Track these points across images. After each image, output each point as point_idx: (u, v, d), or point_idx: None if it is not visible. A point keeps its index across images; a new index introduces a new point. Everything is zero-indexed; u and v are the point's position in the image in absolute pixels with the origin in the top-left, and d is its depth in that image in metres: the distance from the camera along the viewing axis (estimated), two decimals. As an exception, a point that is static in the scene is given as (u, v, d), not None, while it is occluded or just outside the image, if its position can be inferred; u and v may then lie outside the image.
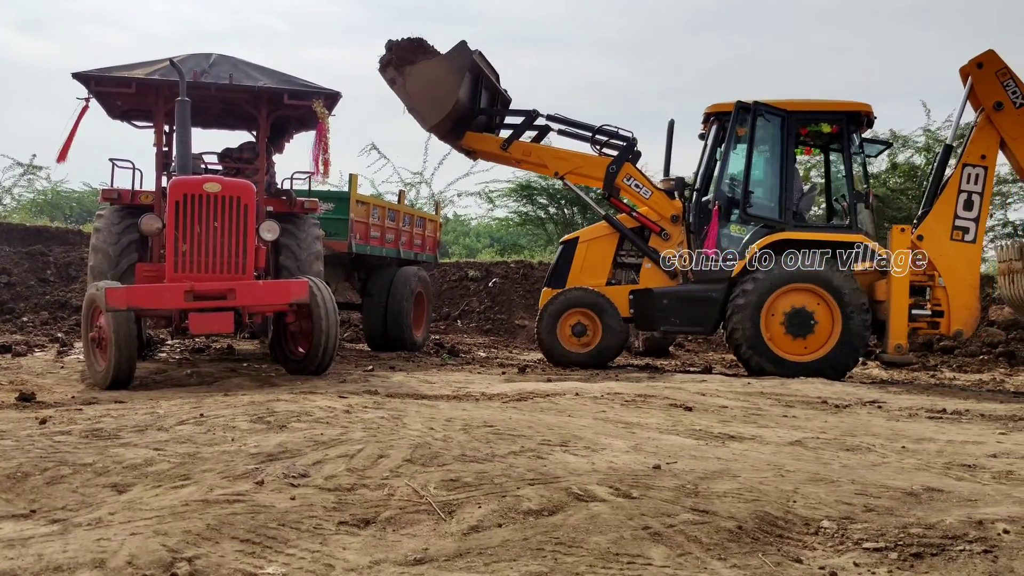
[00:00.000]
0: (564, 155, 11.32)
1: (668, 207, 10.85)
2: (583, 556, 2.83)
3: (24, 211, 25.70)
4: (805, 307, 9.84)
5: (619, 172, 10.90)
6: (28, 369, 8.41)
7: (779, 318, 9.87)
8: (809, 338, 9.85)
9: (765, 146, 10.53)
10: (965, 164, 10.08)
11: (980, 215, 10.05)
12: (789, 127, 10.30)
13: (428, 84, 10.43)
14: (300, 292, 7.75)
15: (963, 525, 3.17)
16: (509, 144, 11.22)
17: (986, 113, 10.02)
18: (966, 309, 9.99)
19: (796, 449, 4.88)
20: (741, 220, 10.34)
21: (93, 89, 8.61)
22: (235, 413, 5.06)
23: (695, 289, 10.41)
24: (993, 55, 10.00)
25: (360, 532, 3.07)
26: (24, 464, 3.73)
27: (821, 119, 10.46)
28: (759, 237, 10.12)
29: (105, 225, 8.96)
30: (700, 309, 10.32)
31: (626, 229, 10.89)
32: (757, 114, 10.25)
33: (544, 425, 5.11)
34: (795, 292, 9.85)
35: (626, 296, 10.70)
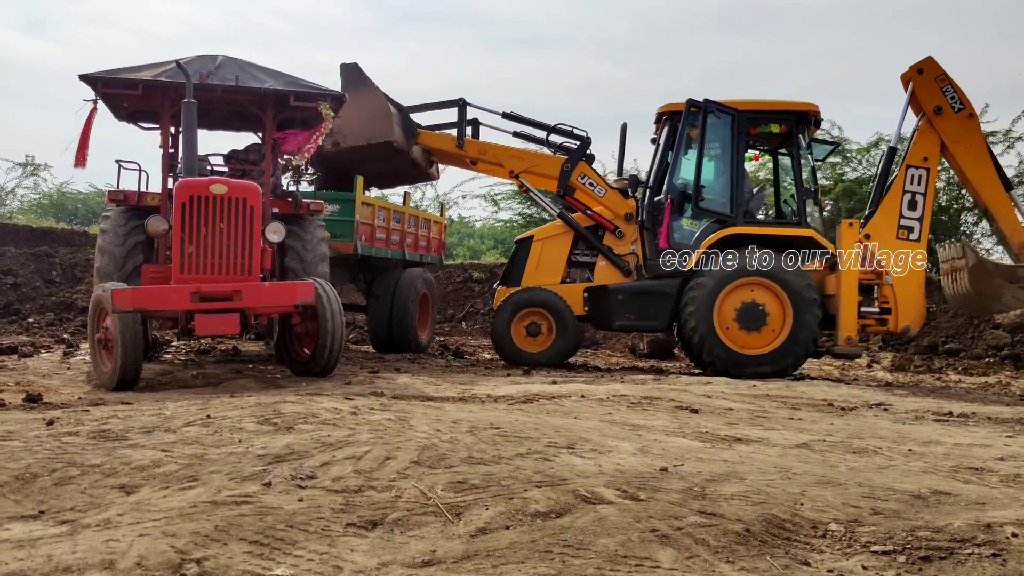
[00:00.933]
0: (519, 154, 11.47)
1: (622, 205, 11.05)
2: (591, 558, 2.83)
3: (30, 212, 25.78)
4: (757, 301, 10.07)
5: (573, 171, 11.09)
6: (34, 370, 8.43)
7: (731, 312, 10.09)
8: (761, 332, 10.06)
9: (716, 144, 10.76)
10: (909, 166, 10.45)
11: (924, 215, 10.40)
12: (739, 126, 10.54)
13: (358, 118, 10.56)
14: (306, 294, 7.76)
15: (971, 528, 3.17)
16: (462, 140, 11.33)
17: (927, 117, 10.39)
18: (913, 306, 10.31)
19: (803, 452, 4.88)
20: (693, 215, 10.57)
21: (100, 91, 8.62)
22: (242, 414, 5.07)
23: (649, 285, 10.63)
24: (932, 62, 10.39)
25: (368, 534, 3.07)
26: (32, 465, 3.74)
27: (770, 119, 10.73)
28: (711, 232, 10.39)
29: (111, 227, 8.98)
30: (654, 305, 10.55)
31: (581, 227, 11.05)
32: (708, 112, 10.46)
33: (550, 427, 5.11)
34: (747, 287, 10.10)
35: (581, 294, 10.87)
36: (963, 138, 10.33)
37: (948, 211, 17.09)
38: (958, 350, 13.29)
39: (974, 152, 10.36)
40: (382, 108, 10.82)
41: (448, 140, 11.44)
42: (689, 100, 10.51)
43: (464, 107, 11.33)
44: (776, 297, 10.03)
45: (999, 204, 10.36)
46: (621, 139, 11.87)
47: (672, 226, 10.54)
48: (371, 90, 10.85)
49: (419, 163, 11.69)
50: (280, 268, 9.28)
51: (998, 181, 10.40)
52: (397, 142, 10.89)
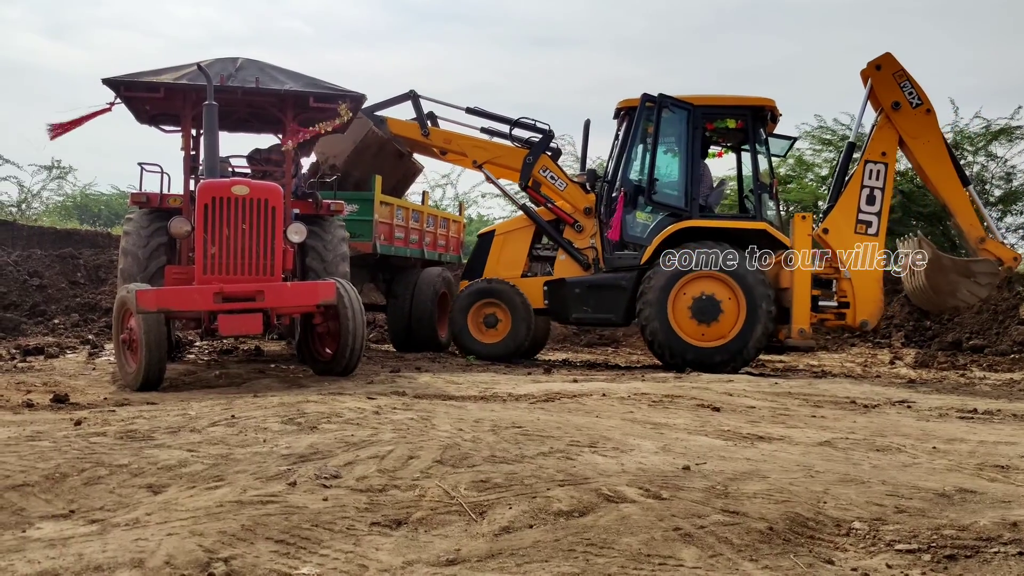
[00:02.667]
0: (483, 144, 11.55)
1: (582, 199, 11.19)
2: (614, 557, 2.84)
3: (54, 214, 26.04)
4: (711, 294, 10.15)
5: (535, 163, 11.20)
6: (61, 371, 8.53)
7: (686, 306, 10.17)
8: (714, 324, 10.15)
9: (671, 138, 10.85)
10: (867, 161, 10.49)
11: (882, 209, 10.44)
12: (695, 121, 10.59)
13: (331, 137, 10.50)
14: (328, 293, 7.81)
15: (997, 527, 3.15)
16: (427, 129, 11.43)
17: (885, 112, 10.43)
18: (871, 300, 10.35)
19: (825, 449, 4.86)
20: (645, 207, 10.66)
21: (122, 94, 8.71)
22: (266, 414, 5.11)
23: (606, 278, 10.74)
24: (890, 58, 10.42)
25: (392, 533, 3.10)
26: (62, 465, 3.80)
27: (726, 114, 10.83)
28: (665, 225, 10.48)
29: (134, 228, 9.07)
30: (610, 298, 10.65)
31: (542, 220, 11.20)
32: (662, 106, 10.57)
33: (572, 426, 5.12)
34: (701, 280, 10.18)
35: (540, 288, 11.00)
36: (921, 134, 10.37)
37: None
38: (983, 346, 13.17)
39: (932, 148, 10.41)
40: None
41: (414, 128, 11.55)
42: (644, 94, 10.64)
43: (416, 99, 11.49)
44: (730, 290, 10.11)
45: (957, 200, 10.40)
46: (584, 135, 12.06)
47: (626, 220, 10.67)
48: None
49: (403, 153, 11.84)
50: (301, 268, 9.34)
51: (956, 177, 10.44)
52: (377, 131, 11.10)
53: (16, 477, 3.60)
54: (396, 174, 12.13)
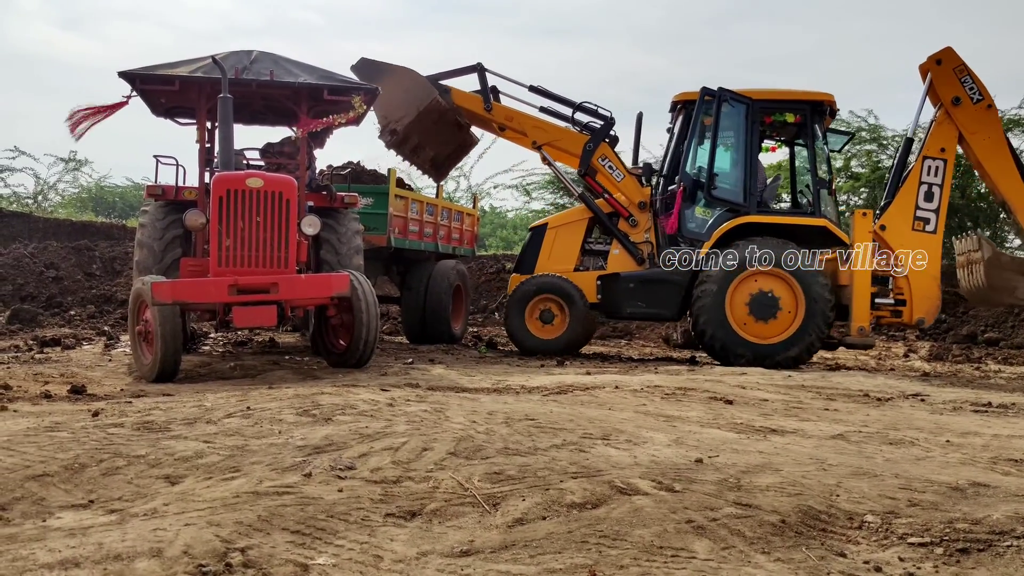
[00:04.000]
0: (544, 126, 11.41)
1: (637, 193, 11.07)
2: (627, 549, 2.86)
3: (69, 206, 26.21)
4: (769, 291, 10.04)
5: (595, 151, 11.07)
6: (77, 362, 8.60)
7: (743, 302, 10.07)
8: (773, 321, 10.04)
9: (730, 132, 10.71)
10: (925, 157, 10.35)
11: (940, 206, 10.31)
12: (753, 115, 10.47)
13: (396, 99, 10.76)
14: (342, 286, 7.85)
15: (1010, 521, 3.15)
16: (490, 104, 11.31)
17: (944, 108, 10.29)
18: (928, 298, 10.22)
19: (838, 443, 4.86)
20: (706, 203, 10.54)
21: (138, 87, 8.76)
22: (281, 406, 5.15)
23: (659, 273, 10.62)
24: (951, 52, 10.28)
25: (407, 524, 3.12)
26: (81, 456, 3.84)
27: (785, 108, 10.64)
28: (723, 220, 10.36)
29: (150, 221, 9.13)
30: (664, 294, 10.55)
31: (600, 210, 11.09)
32: (722, 100, 10.44)
33: (585, 418, 5.14)
34: (759, 276, 10.05)
35: (594, 282, 10.88)
36: (981, 129, 10.24)
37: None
38: (997, 339, 13.11)
39: (992, 144, 10.27)
40: (412, 79, 10.90)
41: (477, 101, 11.40)
42: (703, 88, 10.52)
43: (483, 72, 11.32)
44: (788, 287, 10.00)
45: (1017, 197, 10.25)
46: (636, 128, 11.88)
47: (685, 215, 10.54)
48: (392, 70, 10.96)
49: (462, 124, 11.67)
50: (315, 261, 9.39)
51: (1016, 173, 10.30)
52: (442, 101, 10.93)
53: (36, 467, 3.65)
54: (452, 143, 12.00)
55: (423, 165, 12.14)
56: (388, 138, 11.02)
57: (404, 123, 11.01)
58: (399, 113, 10.95)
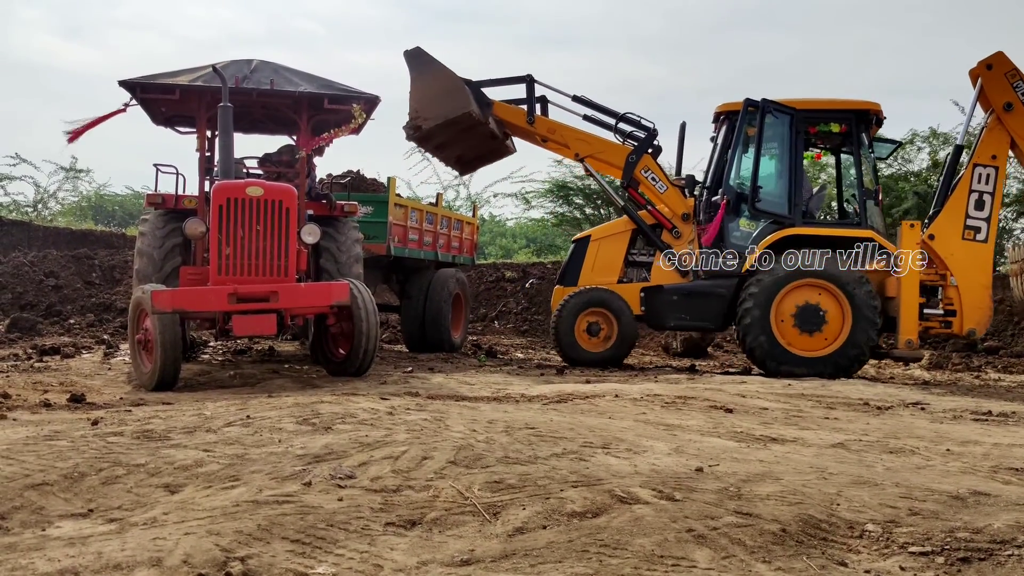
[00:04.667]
0: (587, 138, 11.38)
1: (681, 204, 10.99)
2: (628, 558, 2.85)
3: (69, 215, 26.23)
4: (815, 303, 9.92)
5: (638, 163, 11.01)
6: (77, 370, 8.60)
7: (789, 314, 9.97)
8: (819, 334, 9.93)
9: (774, 143, 10.64)
10: (976, 164, 10.16)
11: (991, 215, 10.12)
12: (797, 125, 10.38)
13: (433, 96, 10.72)
14: (341, 294, 7.85)
15: (1011, 530, 3.15)
16: (532, 117, 11.30)
17: (996, 114, 10.12)
18: (979, 308, 10.05)
19: (838, 451, 4.86)
20: (750, 215, 10.45)
21: (138, 96, 8.79)
22: (281, 415, 5.14)
23: (703, 285, 10.55)
24: (1003, 57, 10.10)
25: (407, 533, 3.12)
26: (80, 464, 3.84)
27: (830, 118, 10.53)
28: (768, 233, 10.27)
29: (150, 229, 9.14)
30: (708, 305, 10.48)
31: (644, 222, 11.03)
32: (766, 111, 10.36)
33: (585, 427, 5.13)
34: (805, 288, 9.96)
35: (637, 294, 10.83)
36: None
37: None
38: (997, 348, 13.10)
39: None
40: (454, 83, 10.87)
41: (520, 114, 11.39)
42: (747, 99, 10.44)
43: (532, 84, 11.31)
44: (835, 299, 9.86)
45: None
46: (680, 138, 11.66)
47: (728, 227, 10.44)
48: (439, 68, 10.91)
49: (496, 135, 11.69)
50: (315, 269, 9.40)
51: None
52: (475, 113, 10.89)
53: (35, 476, 3.64)
54: (483, 149, 12.07)
55: (447, 160, 12.26)
56: (411, 132, 10.99)
57: (431, 124, 10.94)
58: (429, 112, 10.86)
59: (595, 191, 23.45)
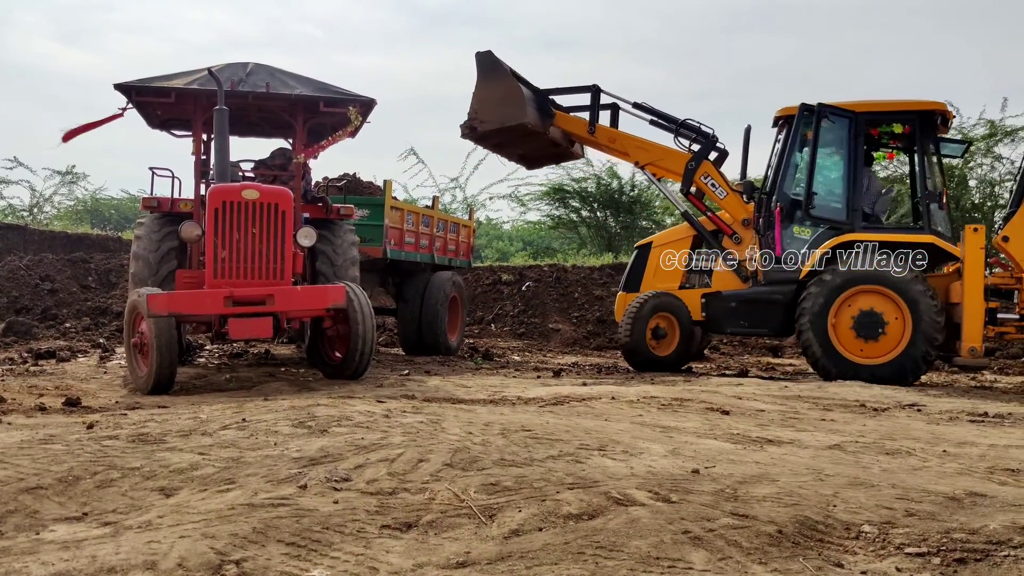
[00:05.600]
0: (646, 145, 11.40)
1: (741, 210, 10.90)
2: (624, 560, 2.85)
3: (65, 219, 26.19)
4: (874, 309, 9.70)
5: (698, 169, 10.97)
6: (72, 374, 8.58)
7: (848, 320, 9.77)
8: (880, 341, 9.68)
9: (831, 148, 10.48)
10: None
11: None
12: (857, 128, 10.19)
13: (494, 101, 10.86)
14: (338, 297, 7.84)
15: (1007, 530, 3.15)
16: (594, 128, 11.36)
17: None
18: None
19: (835, 453, 4.86)
20: (803, 221, 10.31)
21: (134, 99, 8.78)
22: (276, 418, 5.13)
23: (761, 291, 10.44)
24: None
25: (402, 535, 3.11)
26: (75, 468, 3.83)
27: (892, 119, 10.30)
28: (825, 239, 10.09)
29: (145, 233, 9.12)
30: (765, 311, 10.36)
31: (703, 228, 11.01)
32: (821, 116, 10.22)
33: (581, 429, 5.13)
34: (864, 294, 9.73)
35: (698, 299, 10.80)
36: None
37: None
38: (994, 349, 13.10)
39: None
40: (514, 91, 10.91)
41: (581, 124, 11.44)
42: (802, 104, 10.32)
43: (597, 93, 11.37)
44: (894, 305, 9.63)
45: None
46: (745, 142, 11.44)
47: (783, 233, 10.31)
48: (503, 75, 10.95)
49: (559, 143, 11.81)
50: (311, 272, 9.38)
51: None
52: (530, 123, 10.95)
53: (30, 480, 3.63)
54: (544, 152, 12.29)
55: (511, 157, 12.47)
56: (467, 131, 11.09)
57: (486, 127, 11.03)
58: (486, 116, 10.96)
59: (592, 193, 23.49)
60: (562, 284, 17.49)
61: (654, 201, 23.95)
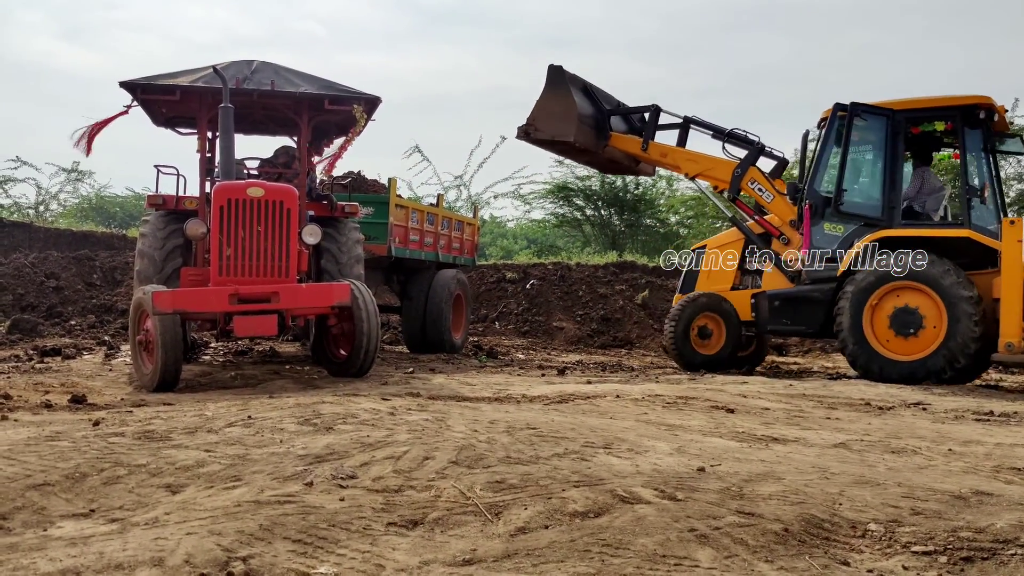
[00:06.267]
0: (695, 157, 11.66)
1: (788, 211, 10.92)
2: (630, 558, 2.85)
3: (70, 216, 26.24)
4: (911, 306, 9.60)
5: (744, 175, 11.10)
6: (78, 371, 8.59)
7: (885, 317, 9.70)
8: (915, 338, 9.58)
9: (868, 146, 10.48)
10: None
11: None
12: (895, 126, 10.13)
13: (550, 114, 11.35)
14: (342, 295, 7.85)
15: (1014, 529, 3.14)
16: (647, 145, 11.69)
17: None
18: None
19: (840, 451, 4.85)
20: (833, 218, 10.31)
21: (139, 97, 8.78)
22: (282, 415, 5.14)
23: (801, 290, 10.45)
24: None
25: (409, 533, 3.11)
26: (82, 465, 3.83)
27: (933, 117, 10.19)
28: (859, 235, 10.08)
29: (151, 230, 9.13)
30: (806, 310, 10.34)
31: (751, 232, 11.09)
32: (854, 114, 10.21)
33: (587, 427, 5.13)
34: (901, 291, 9.65)
35: (747, 300, 10.90)
36: None
37: None
38: (997, 348, 13.03)
39: None
40: (569, 109, 11.25)
41: (635, 143, 11.76)
42: (836, 104, 10.34)
43: (657, 113, 11.80)
44: (932, 302, 9.49)
45: None
46: (803, 146, 11.36)
47: (812, 230, 10.34)
48: (564, 92, 11.30)
49: (619, 160, 12.31)
50: (316, 270, 9.39)
51: None
52: (577, 143, 11.31)
53: (37, 476, 3.64)
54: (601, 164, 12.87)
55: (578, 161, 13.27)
56: (522, 134, 11.61)
57: (538, 136, 11.48)
58: (541, 125, 11.38)
59: (595, 191, 23.48)
60: (566, 282, 17.48)
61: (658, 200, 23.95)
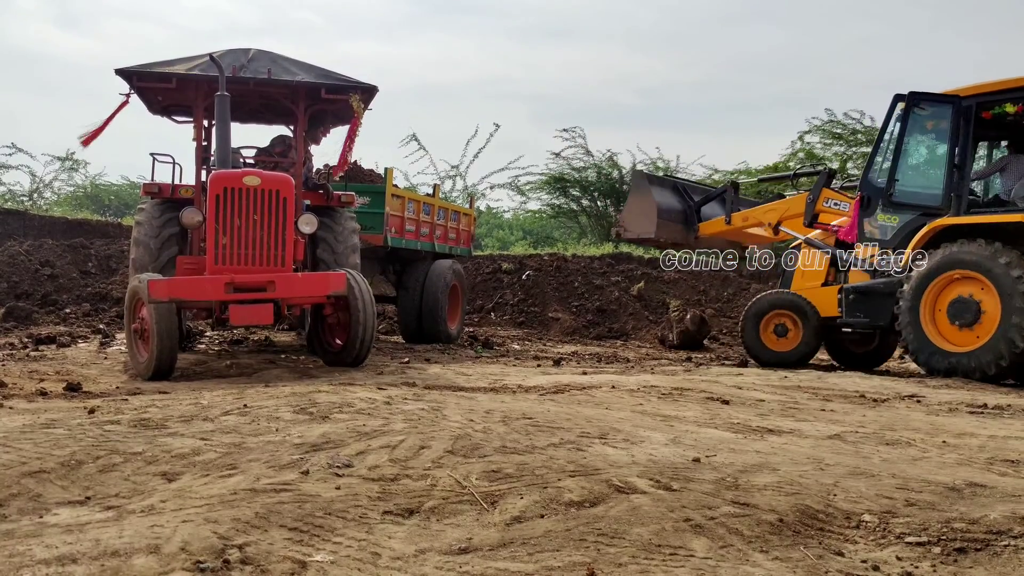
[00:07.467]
0: (772, 207, 11.91)
1: None
2: (625, 547, 2.86)
3: (65, 204, 26.16)
4: (967, 295, 9.41)
5: (817, 199, 11.17)
6: (73, 360, 8.58)
7: (944, 308, 9.55)
8: (972, 329, 9.37)
9: (931, 134, 10.40)
10: None
11: None
12: (962, 113, 9.88)
13: (634, 215, 12.32)
14: (338, 284, 7.84)
15: (1007, 520, 3.16)
16: (729, 219, 12.09)
17: None
18: None
19: (835, 443, 4.87)
20: (886, 208, 10.24)
21: (135, 85, 8.75)
22: (278, 404, 5.14)
23: (874, 284, 10.37)
24: None
25: (404, 521, 3.12)
26: (77, 452, 3.83)
27: (1003, 100, 9.85)
28: (915, 225, 9.97)
29: (146, 219, 9.11)
30: (877, 303, 10.28)
31: (827, 247, 11.02)
32: (912, 104, 10.10)
33: (582, 417, 5.14)
34: (960, 281, 9.44)
35: (829, 296, 10.84)
36: None
37: None
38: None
39: None
40: (647, 210, 11.98)
41: (719, 223, 12.16)
42: (896, 95, 10.22)
43: (735, 190, 12.40)
44: (989, 291, 9.22)
45: None
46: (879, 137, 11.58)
47: (863, 221, 10.29)
48: (645, 194, 12.16)
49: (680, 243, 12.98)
50: (312, 259, 9.38)
51: None
52: (661, 239, 12.21)
53: (32, 464, 3.64)
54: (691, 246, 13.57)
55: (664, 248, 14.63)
56: (614, 235, 13.19)
57: (627, 236, 12.48)
58: (628, 226, 12.28)
59: (592, 183, 23.46)
60: (562, 273, 17.48)
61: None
